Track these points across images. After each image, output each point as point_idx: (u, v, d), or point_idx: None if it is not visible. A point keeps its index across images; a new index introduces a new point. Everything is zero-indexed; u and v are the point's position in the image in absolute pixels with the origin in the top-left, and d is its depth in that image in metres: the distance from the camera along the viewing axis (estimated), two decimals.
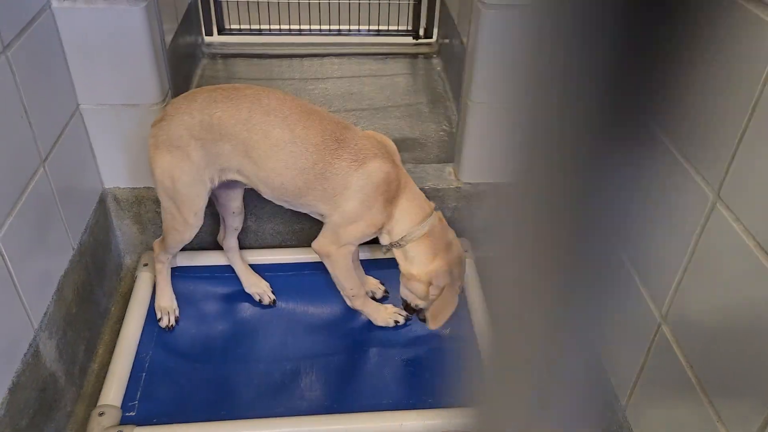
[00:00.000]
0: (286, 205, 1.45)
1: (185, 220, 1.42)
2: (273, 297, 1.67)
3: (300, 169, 1.32)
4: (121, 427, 1.33)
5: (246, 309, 1.65)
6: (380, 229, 1.42)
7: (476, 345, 1.43)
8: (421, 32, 2.68)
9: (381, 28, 2.67)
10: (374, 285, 1.68)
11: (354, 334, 1.59)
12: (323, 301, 1.68)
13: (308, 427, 1.36)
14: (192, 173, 1.35)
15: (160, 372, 1.48)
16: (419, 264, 1.41)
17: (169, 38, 1.94)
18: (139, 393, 1.43)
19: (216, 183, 1.40)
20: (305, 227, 1.82)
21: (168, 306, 1.59)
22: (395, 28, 2.68)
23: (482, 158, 1.73)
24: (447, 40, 2.48)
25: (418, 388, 1.46)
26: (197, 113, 1.32)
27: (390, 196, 1.37)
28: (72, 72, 1.47)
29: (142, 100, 1.54)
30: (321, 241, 1.43)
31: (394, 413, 1.38)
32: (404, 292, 1.49)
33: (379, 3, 2.63)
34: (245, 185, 1.45)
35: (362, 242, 1.46)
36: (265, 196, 1.42)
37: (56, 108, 1.41)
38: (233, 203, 1.56)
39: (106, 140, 1.59)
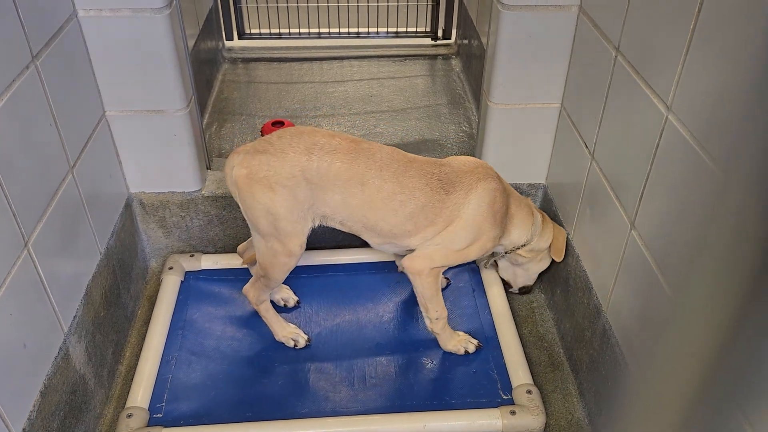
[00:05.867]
0: (392, 249, 1.47)
1: (290, 251, 1.40)
2: (296, 298, 1.68)
3: (408, 214, 1.37)
4: (149, 429, 1.35)
5: None
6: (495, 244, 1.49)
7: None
8: (440, 33, 2.69)
9: (399, 30, 2.68)
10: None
11: (378, 336, 1.60)
12: (347, 303, 1.69)
13: (332, 428, 1.37)
14: (296, 212, 1.36)
15: (186, 374, 1.50)
16: (545, 240, 1.58)
17: (190, 44, 1.96)
18: (166, 395, 1.45)
19: (315, 224, 1.41)
20: (326, 229, 1.83)
21: (290, 331, 1.57)
22: (414, 29, 2.69)
23: (503, 158, 1.73)
24: (466, 41, 2.48)
25: (441, 390, 1.46)
26: (316, 159, 1.33)
27: (504, 210, 1.46)
28: (98, 79, 1.50)
29: (166, 106, 1.56)
30: (417, 261, 1.42)
31: (418, 414, 1.39)
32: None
33: (398, 5, 2.64)
34: None
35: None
36: (371, 244, 1.46)
37: (83, 115, 1.44)
38: None
39: (131, 146, 1.62)
